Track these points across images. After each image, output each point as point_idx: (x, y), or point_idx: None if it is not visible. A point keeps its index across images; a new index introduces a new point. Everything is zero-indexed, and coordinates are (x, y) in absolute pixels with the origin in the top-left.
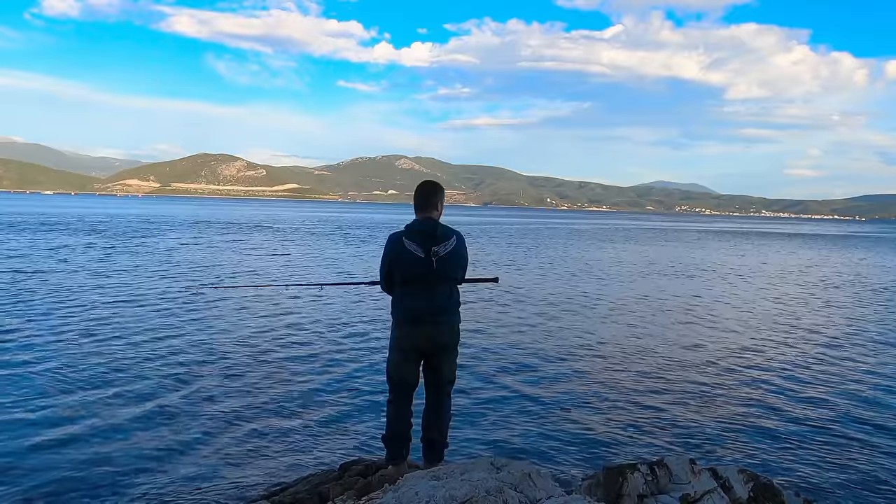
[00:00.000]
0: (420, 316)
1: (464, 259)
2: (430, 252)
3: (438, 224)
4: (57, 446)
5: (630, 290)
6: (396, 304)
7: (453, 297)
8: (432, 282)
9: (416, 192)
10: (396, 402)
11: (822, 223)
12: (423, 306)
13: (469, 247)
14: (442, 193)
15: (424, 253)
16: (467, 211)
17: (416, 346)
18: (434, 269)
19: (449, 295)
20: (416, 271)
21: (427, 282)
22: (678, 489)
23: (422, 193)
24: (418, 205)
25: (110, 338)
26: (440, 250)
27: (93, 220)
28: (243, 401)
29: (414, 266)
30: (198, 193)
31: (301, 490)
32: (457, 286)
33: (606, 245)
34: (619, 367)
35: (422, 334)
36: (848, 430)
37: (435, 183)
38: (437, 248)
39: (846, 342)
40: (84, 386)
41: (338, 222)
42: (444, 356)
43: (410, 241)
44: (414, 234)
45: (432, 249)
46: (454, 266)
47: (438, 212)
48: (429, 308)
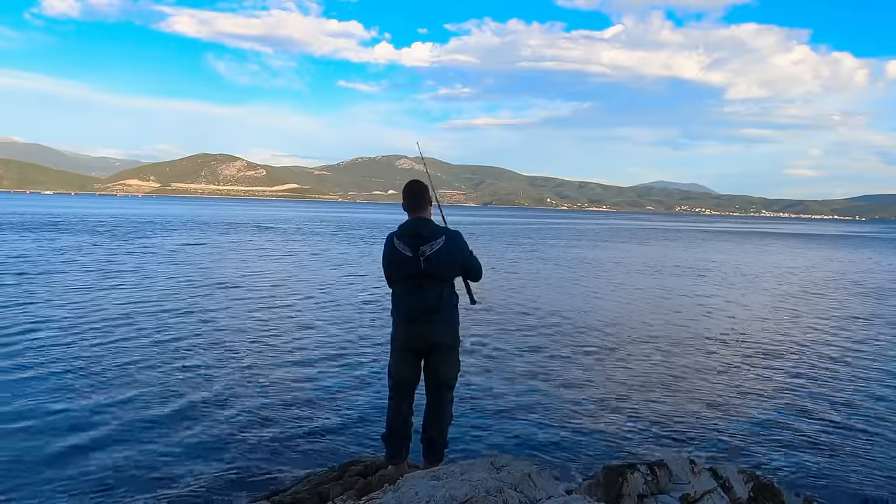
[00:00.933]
0: (412, 315)
1: (455, 258)
2: (417, 251)
3: (428, 223)
4: (51, 447)
5: (631, 289)
6: (393, 304)
7: (444, 297)
8: (422, 281)
9: (405, 193)
10: (396, 401)
11: (822, 223)
12: (413, 305)
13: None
14: (428, 191)
15: (412, 252)
16: (467, 211)
17: (409, 346)
18: (422, 268)
19: (439, 295)
20: (405, 271)
21: (417, 281)
22: (678, 489)
23: (412, 193)
24: (410, 205)
25: (119, 340)
26: (427, 250)
27: (96, 220)
28: (243, 401)
29: (404, 266)
30: (198, 193)
31: (301, 490)
32: (452, 286)
33: (607, 245)
34: (619, 367)
35: (414, 333)
36: (848, 430)
37: (420, 182)
38: (424, 248)
39: (849, 342)
40: (83, 388)
41: (339, 222)
42: (439, 356)
43: (400, 241)
44: (403, 235)
45: (420, 249)
46: (443, 265)
47: (430, 209)
48: (419, 307)
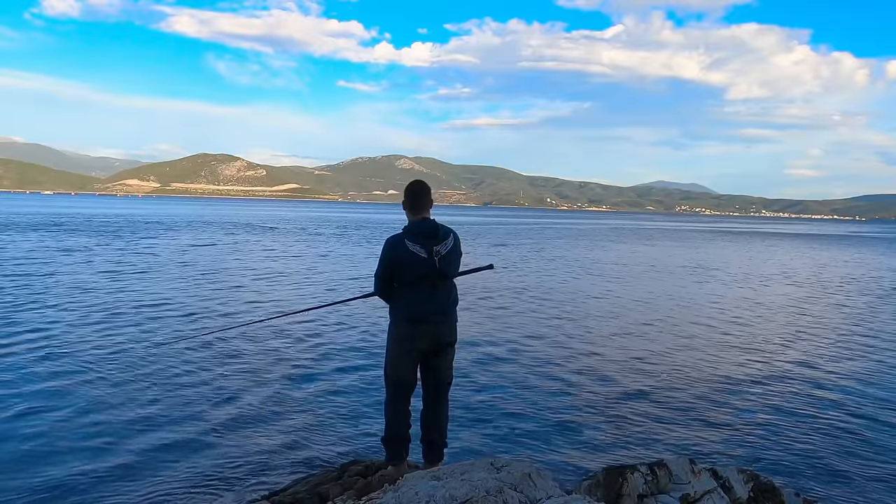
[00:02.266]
0: (425, 316)
1: (459, 257)
2: (432, 252)
3: (438, 224)
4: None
5: (632, 289)
6: (399, 306)
7: (452, 295)
8: (435, 281)
9: (410, 194)
10: (395, 403)
11: (822, 223)
12: (428, 306)
13: (469, 246)
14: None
15: (427, 253)
16: (467, 211)
17: (417, 346)
18: (437, 268)
19: (448, 294)
20: (419, 272)
21: (430, 281)
22: (678, 489)
23: (417, 193)
24: (415, 205)
25: (121, 336)
26: (441, 249)
27: (102, 220)
28: (243, 401)
29: (417, 267)
30: (198, 193)
31: (301, 490)
32: (454, 283)
33: (608, 244)
34: (619, 367)
35: (425, 334)
36: (849, 430)
37: (424, 182)
38: (439, 248)
39: (851, 343)
40: (83, 388)
41: (341, 222)
42: (443, 356)
43: (413, 243)
44: (416, 236)
45: (434, 249)
46: (453, 264)
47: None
48: (433, 308)
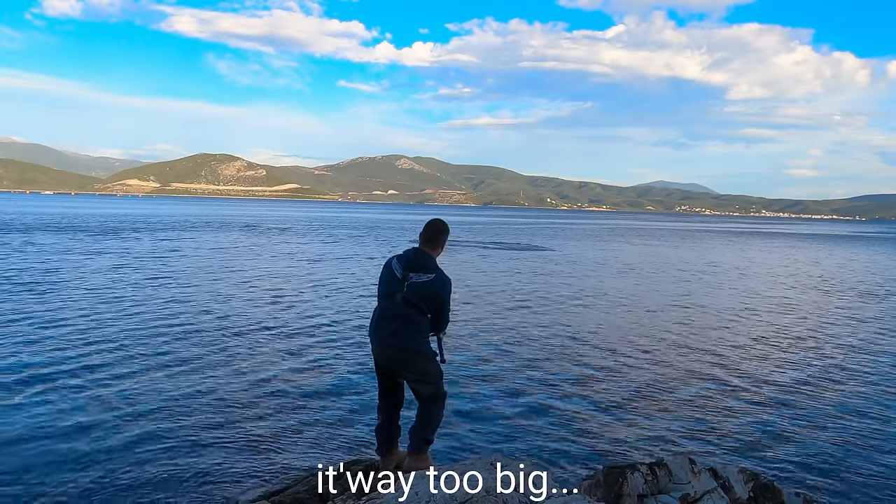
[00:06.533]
0: (374, 329)
1: (438, 299)
2: (406, 276)
3: (428, 258)
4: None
5: (632, 289)
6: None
7: (414, 324)
8: (398, 301)
9: (426, 226)
10: (379, 398)
11: (823, 223)
12: (381, 323)
13: (474, 247)
14: (447, 235)
15: (402, 274)
16: (467, 211)
17: (374, 355)
18: (403, 289)
19: (409, 322)
20: (387, 289)
21: (393, 300)
22: (678, 489)
23: (432, 229)
24: (424, 238)
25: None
26: (416, 278)
27: (104, 220)
28: (243, 401)
29: (389, 283)
30: (198, 193)
31: (301, 490)
32: (426, 321)
33: (608, 244)
34: (620, 367)
35: (375, 348)
36: (849, 430)
37: (445, 225)
38: (413, 275)
39: (858, 343)
40: (81, 387)
41: (341, 222)
42: (407, 377)
43: (397, 263)
44: (401, 258)
45: (409, 274)
46: (423, 297)
47: (438, 251)
48: (385, 328)
